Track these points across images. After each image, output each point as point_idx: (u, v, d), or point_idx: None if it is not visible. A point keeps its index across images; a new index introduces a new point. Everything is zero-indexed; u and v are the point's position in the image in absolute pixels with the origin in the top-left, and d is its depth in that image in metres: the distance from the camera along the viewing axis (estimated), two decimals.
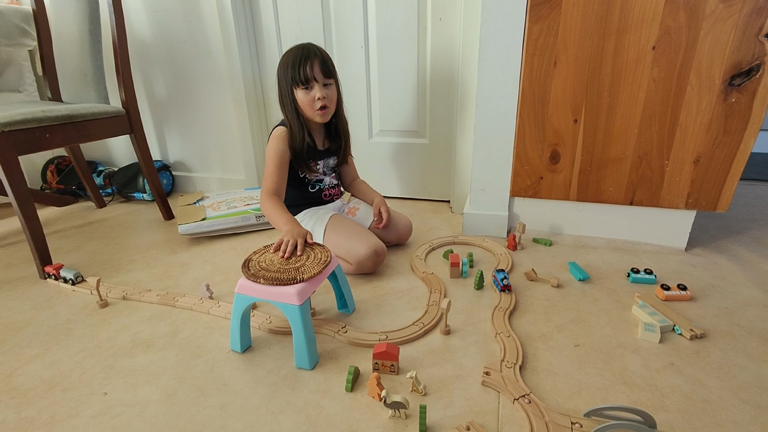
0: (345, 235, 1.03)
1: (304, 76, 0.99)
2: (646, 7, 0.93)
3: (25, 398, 0.70)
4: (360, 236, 1.02)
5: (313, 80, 1.00)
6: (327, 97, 1.02)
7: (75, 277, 1.03)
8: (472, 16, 1.19)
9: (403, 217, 1.18)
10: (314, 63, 0.99)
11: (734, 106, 0.96)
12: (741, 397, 0.65)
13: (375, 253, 1.00)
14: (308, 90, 1.01)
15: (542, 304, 0.90)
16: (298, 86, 1.01)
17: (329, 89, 1.03)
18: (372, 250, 1.00)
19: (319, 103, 1.01)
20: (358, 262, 1.00)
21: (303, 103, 1.02)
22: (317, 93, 1.00)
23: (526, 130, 1.11)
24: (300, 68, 0.99)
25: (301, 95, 1.02)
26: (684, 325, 0.80)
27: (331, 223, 1.06)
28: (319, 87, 1.01)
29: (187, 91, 1.63)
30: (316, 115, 1.03)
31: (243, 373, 0.73)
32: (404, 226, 1.17)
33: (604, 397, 0.66)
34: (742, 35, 0.90)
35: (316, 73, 1.00)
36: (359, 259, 0.99)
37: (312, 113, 1.03)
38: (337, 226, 1.05)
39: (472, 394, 0.67)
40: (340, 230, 1.04)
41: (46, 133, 1.08)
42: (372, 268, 1.02)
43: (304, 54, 0.99)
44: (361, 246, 1.00)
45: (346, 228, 1.05)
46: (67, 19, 1.29)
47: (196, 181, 1.78)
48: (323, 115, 1.04)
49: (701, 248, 1.13)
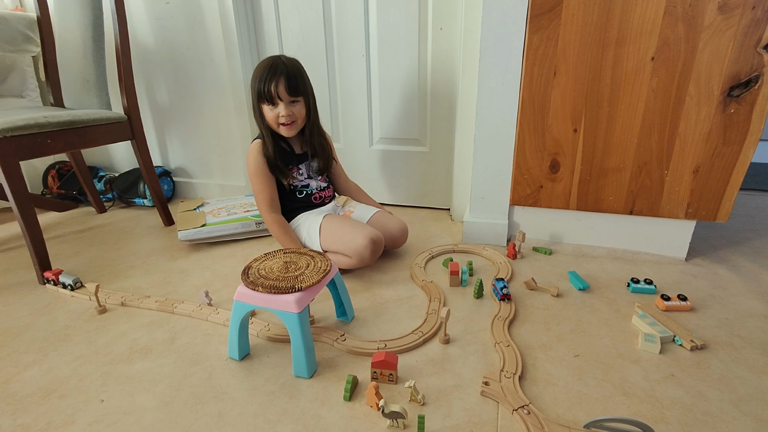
0: (341, 230, 1.04)
1: (268, 93, 0.99)
2: (645, 18, 0.94)
3: (21, 405, 0.69)
4: (355, 228, 1.03)
5: (278, 98, 1.00)
6: (293, 114, 1.02)
7: (74, 283, 1.02)
8: (472, 26, 1.20)
9: (397, 220, 1.16)
10: (279, 81, 0.99)
11: (733, 117, 0.96)
12: (742, 410, 0.65)
13: (372, 241, 1.01)
14: (273, 107, 1.01)
15: (542, 314, 0.90)
16: (264, 102, 1.01)
17: (295, 106, 1.03)
18: (368, 239, 1.00)
19: (283, 119, 1.02)
20: (357, 254, 1.01)
21: (268, 117, 1.03)
22: (281, 111, 1.01)
23: (526, 139, 1.12)
24: (264, 85, 0.98)
25: (267, 110, 1.02)
26: (684, 336, 0.80)
27: (326, 222, 1.07)
28: (284, 105, 1.00)
29: (189, 98, 1.64)
30: (282, 129, 1.04)
31: (241, 381, 0.73)
32: (398, 229, 1.14)
33: (604, 408, 0.66)
34: (740, 47, 0.91)
35: (281, 92, 0.99)
36: (357, 249, 1.00)
37: (277, 128, 1.04)
38: (332, 224, 1.06)
39: (470, 404, 0.67)
40: (336, 227, 1.05)
41: (48, 139, 1.08)
42: (371, 257, 1.02)
43: (270, 70, 0.99)
44: (357, 236, 1.00)
45: (341, 223, 1.06)
46: (71, 25, 1.30)
47: (196, 187, 1.78)
48: (288, 130, 1.04)
49: (701, 258, 1.13)
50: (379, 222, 1.14)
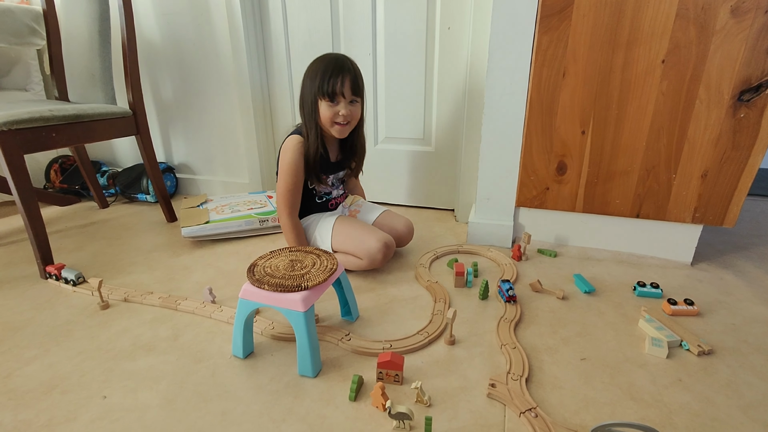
0: (354, 231, 1.05)
1: (332, 89, 0.96)
2: (656, 20, 0.93)
3: (22, 400, 0.68)
4: (369, 231, 1.04)
5: (341, 96, 0.97)
6: (350, 114, 0.99)
7: (76, 278, 1.02)
8: (481, 26, 1.19)
9: (402, 218, 1.17)
10: (345, 79, 0.96)
11: (743, 122, 0.95)
12: (750, 416, 0.64)
13: (385, 245, 1.02)
14: (333, 104, 0.98)
15: (547, 316, 0.90)
16: (324, 98, 0.97)
17: (354, 106, 1.00)
18: (382, 242, 1.01)
19: (340, 119, 0.99)
20: (369, 256, 1.01)
21: (324, 115, 0.99)
22: (342, 110, 0.98)
23: (534, 141, 1.11)
24: (330, 81, 0.95)
25: (325, 108, 0.98)
26: (691, 340, 0.79)
27: (339, 223, 1.07)
28: (345, 103, 0.98)
29: (194, 94, 1.63)
30: (334, 129, 1.01)
31: (245, 380, 0.72)
32: (404, 227, 1.15)
33: (612, 412, 0.65)
34: (752, 51, 0.90)
35: (346, 89, 0.97)
36: (370, 252, 1.01)
37: (330, 127, 1.01)
38: (345, 225, 1.07)
39: (477, 406, 0.66)
40: (349, 228, 1.06)
41: (53, 133, 1.07)
42: (382, 261, 1.03)
43: (337, 67, 0.96)
44: (371, 239, 1.01)
45: (354, 225, 1.07)
46: (78, 19, 1.29)
47: (200, 183, 1.77)
48: (341, 130, 1.01)
49: (707, 263, 1.13)
50: (386, 221, 1.16)
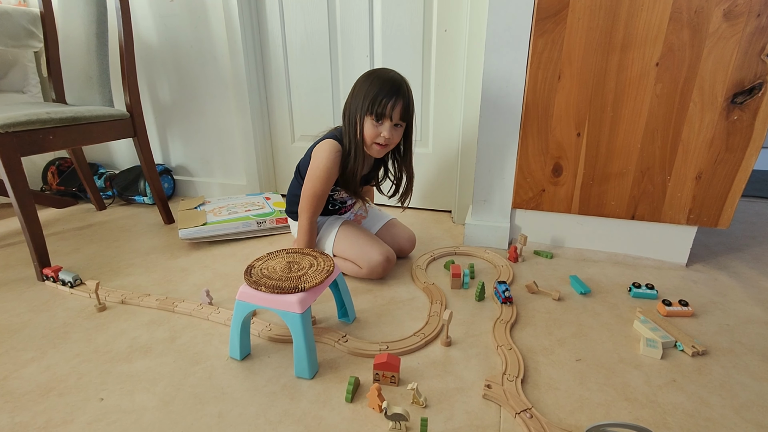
0: (358, 241, 1.05)
1: (381, 110, 0.94)
2: (650, 24, 0.94)
3: (19, 402, 0.69)
4: (373, 243, 1.05)
5: (388, 118, 0.95)
6: (392, 137, 0.97)
7: (73, 280, 1.02)
8: (477, 29, 1.20)
9: (406, 230, 1.19)
10: (398, 102, 0.94)
11: (736, 124, 0.96)
12: (744, 417, 0.65)
13: (387, 259, 1.03)
14: (378, 124, 0.96)
15: (543, 317, 0.90)
16: (371, 116, 0.96)
17: (397, 130, 0.99)
18: (384, 256, 1.02)
19: (381, 140, 0.97)
20: (370, 267, 1.02)
21: (367, 134, 0.97)
22: (385, 132, 0.96)
23: (529, 143, 1.12)
24: (382, 102, 0.93)
25: (369, 126, 0.96)
26: (686, 341, 0.80)
27: (343, 229, 1.08)
28: (389, 126, 0.96)
29: (191, 96, 1.64)
30: (373, 149, 1.00)
31: (242, 382, 0.72)
32: (407, 240, 1.17)
33: (606, 413, 0.66)
34: (744, 54, 0.91)
35: (396, 113, 0.95)
36: (372, 264, 1.02)
37: (369, 146, 0.99)
38: (349, 232, 1.07)
39: (473, 407, 0.67)
40: (352, 236, 1.06)
41: (50, 135, 1.08)
42: (382, 274, 1.04)
43: (393, 89, 0.94)
44: (375, 252, 1.02)
45: (358, 234, 1.07)
46: (75, 21, 1.29)
47: (197, 185, 1.77)
48: (380, 151, 1.00)
49: (702, 264, 1.13)
50: (389, 232, 1.17)
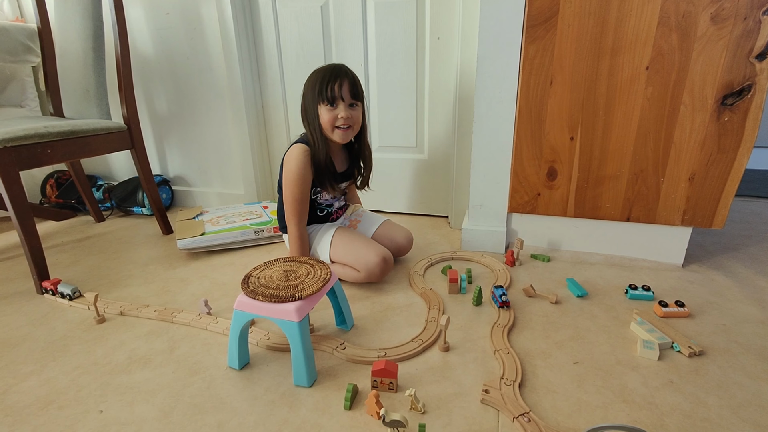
0: (353, 244, 1.06)
1: (331, 93, 0.98)
2: (639, 28, 0.96)
3: (19, 416, 0.69)
4: (368, 245, 1.05)
5: (340, 99, 0.99)
6: (351, 117, 1.01)
7: (72, 293, 1.02)
8: (469, 36, 1.21)
9: (402, 229, 1.19)
10: (343, 83, 0.98)
11: (727, 125, 0.97)
12: (741, 416, 0.65)
13: (384, 260, 1.03)
14: (333, 108, 1.00)
15: (541, 321, 0.90)
16: (323, 103, 0.99)
17: (354, 110, 1.02)
18: (381, 257, 1.02)
19: (341, 122, 1.00)
20: (367, 270, 1.02)
21: (325, 120, 1.00)
22: (341, 112, 0.99)
23: (524, 148, 1.13)
24: (328, 86, 0.98)
25: (324, 112, 1.00)
26: (682, 342, 0.80)
27: (338, 235, 1.08)
28: (344, 106, 0.99)
29: (188, 107, 1.65)
30: (336, 134, 1.02)
31: (241, 391, 0.73)
32: (404, 238, 1.17)
33: (604, 415, 0.66)
34: (733, 56, 0.93)
35: (344, 92, 0.99)
36: (369, 266, 1.02)
37: (331, 132, 1.02)
38: (344, 237, 1.08)
39: (471, 412, 0.67)
40: (348, 241, 1.07)
41: (48, 149, 1.08)
42: (380, 275, 1.04)
43: (334, 73, 0.99)
44: (371, 254, 1.02)
45: (353, 238, 1.07)
46: (72, 36, 1.31)
47: (195, 195, 1.78)
48: (343, 134, 1.02)
49: (698, 264, 1.14)
50: (386, 232, 1.17)
